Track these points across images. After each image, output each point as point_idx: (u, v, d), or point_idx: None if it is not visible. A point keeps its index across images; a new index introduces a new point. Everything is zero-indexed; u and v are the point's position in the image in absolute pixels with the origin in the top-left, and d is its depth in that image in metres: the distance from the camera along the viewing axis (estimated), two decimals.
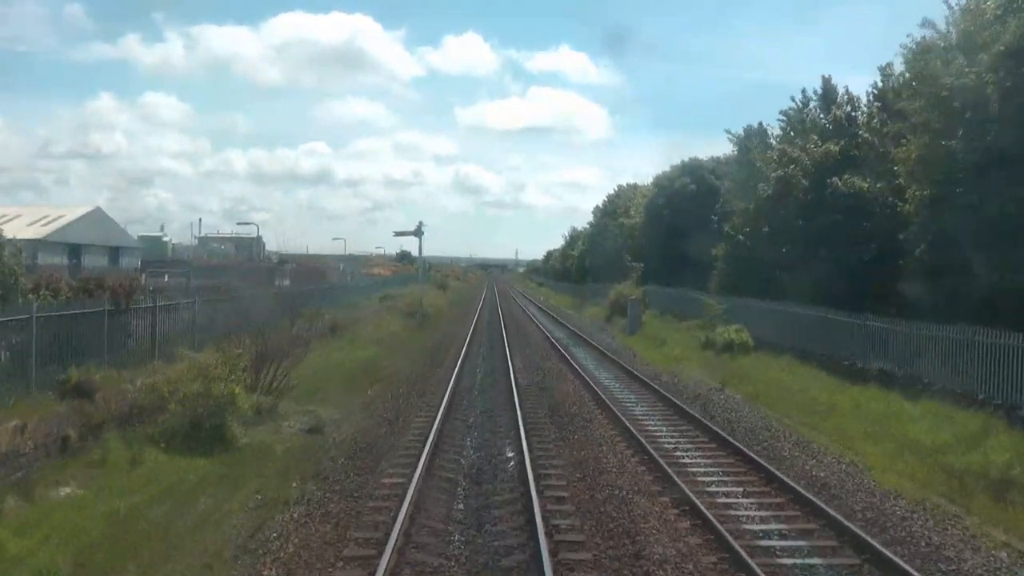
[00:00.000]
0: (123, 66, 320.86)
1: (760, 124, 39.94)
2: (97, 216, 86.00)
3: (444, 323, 39.80)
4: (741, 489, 11.00)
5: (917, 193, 21.42)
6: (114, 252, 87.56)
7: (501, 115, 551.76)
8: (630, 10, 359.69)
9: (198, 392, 13.13)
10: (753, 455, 12.43)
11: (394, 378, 21.03)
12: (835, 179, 27.54)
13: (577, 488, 10.99)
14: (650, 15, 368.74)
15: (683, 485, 10.73)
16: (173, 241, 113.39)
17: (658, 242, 47.29)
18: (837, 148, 28.67)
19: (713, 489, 11.02)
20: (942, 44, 21.90)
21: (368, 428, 14.86)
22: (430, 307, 45.09)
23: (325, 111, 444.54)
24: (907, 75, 26.22)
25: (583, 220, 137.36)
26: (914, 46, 23.00)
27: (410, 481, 10.81)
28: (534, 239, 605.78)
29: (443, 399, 17.20)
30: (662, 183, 49.82)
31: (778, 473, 11.37)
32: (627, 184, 72.21)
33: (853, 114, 30.46)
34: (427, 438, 13.27)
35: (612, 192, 72.59)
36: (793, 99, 32.99)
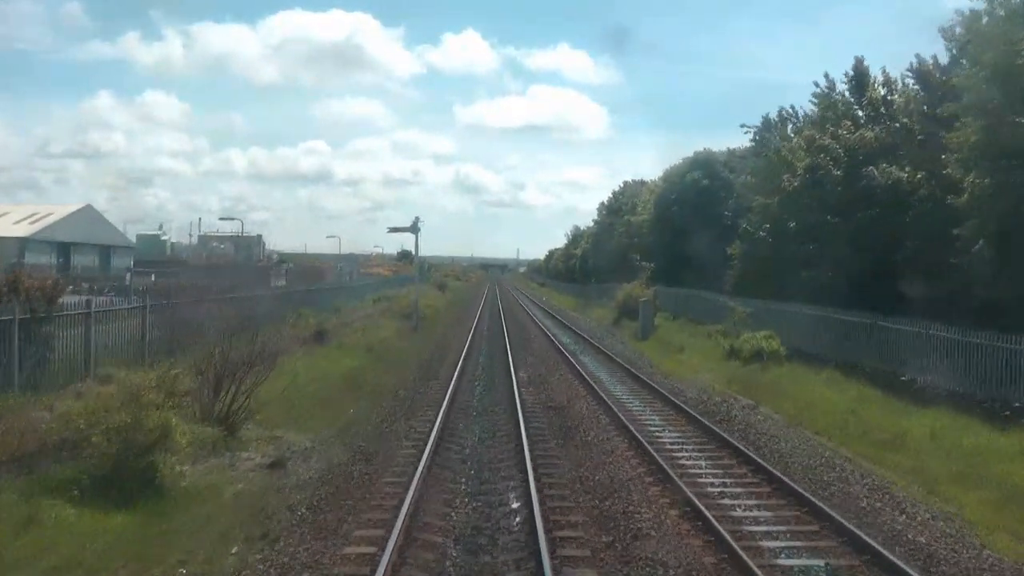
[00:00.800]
0: (122, 65, 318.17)
1: (780, 112, 37.31)
2: (88, 214, 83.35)
3: (441, 327, 37.10)
4: (823, 562, 8.25)
5: (976, 182, 18.72)
6: (105, 251, 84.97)
7: (500, 113, 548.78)
8: (630, 9, 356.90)
9: (124, 424, 10.42)
10: (827, 508, 9.68)
11: (380, 394, 18.33)
12: (871, 169, 24.92)
13: (606, 556, 8.28)
14: (650, 14, 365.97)
15: (745, 556, 8.02)
16: (172, 240, 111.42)
17: (668, 240, 44.56)
18: (873, 135, 25.99)
19: (786, 562, 8.28)
20: (1002, 12, 19.24)
21: (341, 464, 12.12)
22: (427, 309, 42.39)
23: (324, 109, 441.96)
24: (954, 51, 23.63)
25: (583, 220, 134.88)
26: (969, 14, 20.39)
27: (382, 552, 8.10)
28: (534, 239, 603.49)
29: (434, 424, 14.48)
30: (671, 177, 47.10)
31: (867, 538, 8.63)
32: (633, 180, 69.61)
33: (890, 98, 27.71)
34: (410, 484, 10.54)
35: (617, 188, 69.98)
36: (817, 84, 30.24)
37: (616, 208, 67.07)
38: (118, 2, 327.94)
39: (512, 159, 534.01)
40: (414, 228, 34.56)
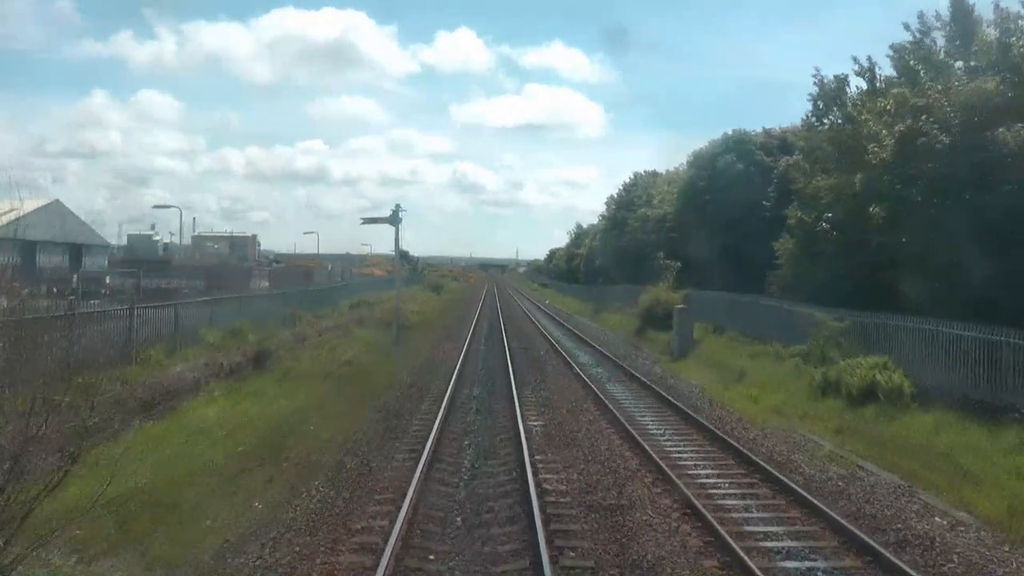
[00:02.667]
0: (116, 63, 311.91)
1: (837, 79, 30.38)
2: (55, 210, 76.32)
3: (429, 340, 30.15)
4: None
5: None
6: (76, 250, 78.34)
7: (496, 112, 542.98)
8: (624, 7, 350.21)
9: None
10: None
11: (310, 472, 11.37)
12: (1001, 131, 18.26)
13: None
14: (645, 12, 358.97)
15: None
16: (165, 240, 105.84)
17: (696, 235, 37.67)
18: (993, 86, 19.15)
19: None
20: None
21: None
22: (415, 316, 35.48)
23: (320, 108, 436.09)
24: None
25: (581, 219, 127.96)
26: None
27: None
28: (533, 238, 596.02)
29: (388, 544, 7.60)
30: (701, 162, 40.21)
31: None
32: (645, 171, 62.73)
33: (1008, 41, 20.82)
34: None
35: (628, 180, 63.02)
36: (907, 26, 23.23)
37: (627, 202, 60.13)
38: (109, 0, 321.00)
39: (509, 158, 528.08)
40: (394, 219, 27.65)
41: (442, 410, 15.21)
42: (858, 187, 22.44)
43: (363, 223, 27.89)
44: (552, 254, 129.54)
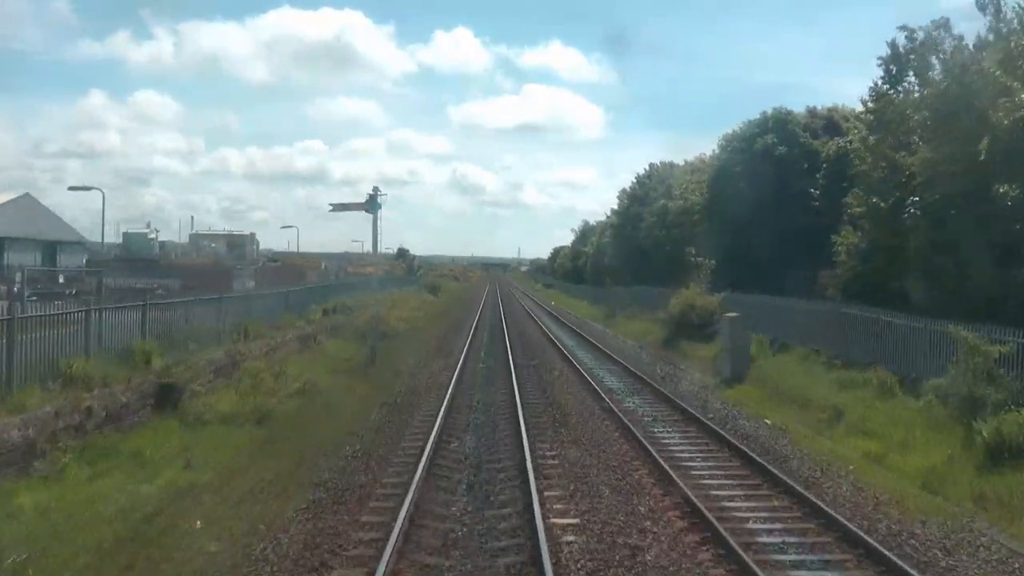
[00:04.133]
0: (113, 64, 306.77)
1: (911, 36, 24.56)
2: (26, 204, 70.70)
3: (415, 355, 24.26)
4: None
5: None
6: (49, 247, 72.65)
7: (495, 113, 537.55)
8: (622, 6, 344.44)
9: None
10: None
11: None
12: None
13: None
14: (644, 13, 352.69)
15: None
16: (161, 239, 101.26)
17: (729, 228, 31.88)
18: None
19: None
20: None
21: None
22: (401, 324, 29.65)
23: (318, 109, 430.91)
24: None
25: (581, 220, 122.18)
26: None
27: None
28: (534, 238, 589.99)
29: None
30: (734, 144, 34.28)
31: None
32: (661, 163, 56.83)
33: None
34: None
35: (641, 172, 57.01)
36: None
37: (640, 196, 54.25)
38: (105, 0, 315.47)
39: (509, 159, 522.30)
40: (371, 205, 21.80)
41: (413, 491, 9.38)
42: (983, 155, 16.61)
43: (332, 210, 22.03)
44: (556, 253, 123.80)
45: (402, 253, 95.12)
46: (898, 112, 22.65)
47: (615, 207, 61.35)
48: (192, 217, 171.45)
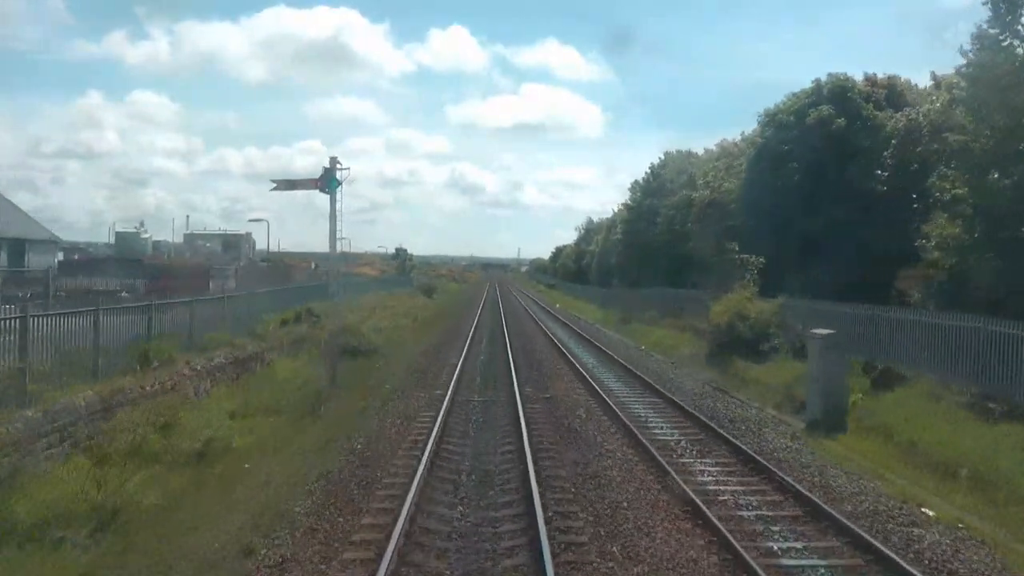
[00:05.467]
0: (109, 64, 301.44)
1: None
2: None
3: (388, 383, 18.23)
4: None
5: None
6: (16, 245, 66.96)
7: (493, 113, 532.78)
8: (620, 5, 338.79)
9: None
10: None
11: None
12: None
13: None
14: (642, 12, 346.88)
15: None
16: (158, 238, 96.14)
17: (773, 220, 26.03)
18: None
19: None
20: None
21: None
22: (378, 336, 23.73)
23: (317, 109, 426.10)
24: None
25: (581, 220, 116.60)
26: None
27: None
28: (534, 238, 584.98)
29: None
30: (781, 119, 28.32)
31: None
32: (677, 151, 50.99)
33: None
34: None
35: (656, 162, 51.11)
36: None
37: (655, 188, 48.38)
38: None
39: (507, 159, 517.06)
40: (327, 181, 15.81)
41: None
42: None
43: (274, 189, 16.09)
44: (558, 252, 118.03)
45: (400, 253, 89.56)
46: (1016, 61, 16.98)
47: (626, 201, 55.40)
48: (188, 216, 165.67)
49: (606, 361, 23.17)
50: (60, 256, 67.36)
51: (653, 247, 44.17)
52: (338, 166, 15.73)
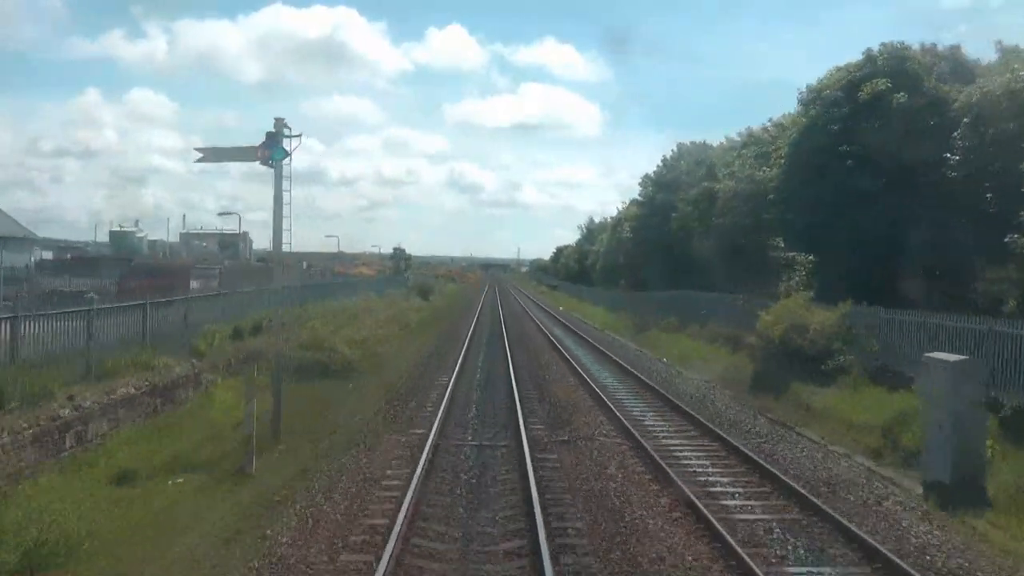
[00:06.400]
0: (107, 62, 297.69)
1: None
2: None
3: (354, 425, 13.93)
4: None
5: None
6: None
7: (491, 112, 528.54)
8: (615, 3, 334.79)
9: None
10: None
11: None
12: None
13: None
14: (640, 10, 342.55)
15: None
16: (153, 237, 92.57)
17: (819, 211, 21.84)
18: None
19: None
20: None
21: None
22: (354, 350, 19.42)
23: (314, 107, 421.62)
24: None
25: (580, 219, 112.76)
26: None
27: None
28: (534, 238, 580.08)
29: None
30: (828, 94, 24.00)
31: None
32: (691, 142, 46.71)
33: None
34: None
35: (669, 154, 46.80)
36: None
37: (669, 181, 44.07)
38: None
39: (506, 158, 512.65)
40: (271, 149, 11.61)
41: None
42: None
43: (199, 160, 11.87)
44: (560, 252, 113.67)
45: (398, 253, 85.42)
46: None
47: (636, 196, 51.11)
48: (184, 215, 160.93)
49: (630, 383, 18.93)
50: (49, 255, 63.40)
51: (667, 245, 39.93)
52: (287, 131, 11.51)
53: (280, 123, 11.62)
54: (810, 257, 20.13)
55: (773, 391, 16.85)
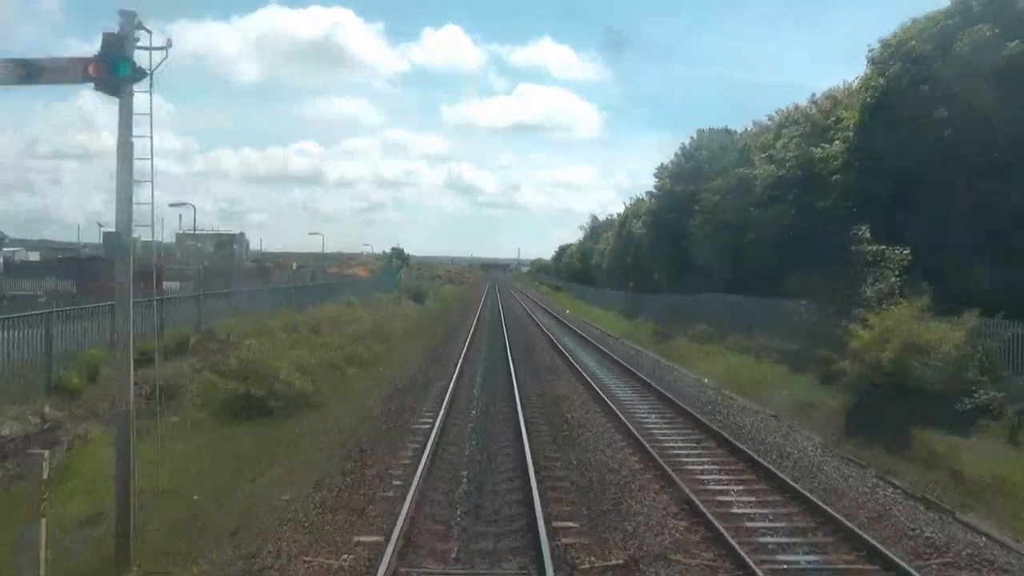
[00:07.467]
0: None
1: None
2: None
3: (287, 496, 9.03)
4: None
5: None
6: None
7: (489, 113, 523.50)
8: (613, 3, 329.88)
9: None
10: None
11: None
12: None
13: None
14: (638, 11, 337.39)
15: None
16: (143, 238, 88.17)
17: (904, 190, 16.92)
18: None
19: None
20: None
21: None
22: (304, 379, 14.41)
23: (312, 109, 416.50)
24: None
25: (579, 220, 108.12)
26: None
27: None
28: (533, 239, 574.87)
29: None
30: (911, 47, 19.02)
31: None
32: (711, 129, 41.75)
33: None
34: None
35: (686, 143, 41.75)
36: None
37: (689, 171, 39.09)
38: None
39: (505, 159, 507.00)
40: (109, 67, 6.77)
41: None
42: None
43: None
44: (562, 251, 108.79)
45: (397, 253, 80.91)
46: None
47: (652, 189, 46.05)
48: (180, 216, 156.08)
49: (672, 419, 13.96)
50: (36, 256, 58.54)
51: (688, 240, 35.01)
52: (138, 39, 6.60)
53: (130, 20, 6.69)
54: (906, 251, 15.15)
55: (881, 439, 11.88)
